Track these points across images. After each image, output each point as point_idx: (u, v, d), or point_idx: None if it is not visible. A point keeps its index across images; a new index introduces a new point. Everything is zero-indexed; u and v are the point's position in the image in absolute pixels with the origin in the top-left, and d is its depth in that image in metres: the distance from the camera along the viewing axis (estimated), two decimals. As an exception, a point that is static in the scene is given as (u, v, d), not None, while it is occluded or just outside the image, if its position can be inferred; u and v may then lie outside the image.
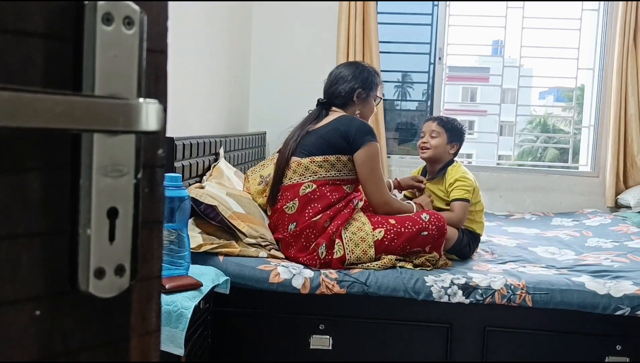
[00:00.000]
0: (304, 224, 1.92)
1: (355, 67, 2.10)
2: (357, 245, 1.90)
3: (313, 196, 1.94)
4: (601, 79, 3.55)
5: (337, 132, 1.96)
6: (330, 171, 1.95)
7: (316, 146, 1.97)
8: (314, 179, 1.95)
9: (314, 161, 1.96)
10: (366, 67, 2.13)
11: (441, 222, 1.97)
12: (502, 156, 3.93)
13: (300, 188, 1.95)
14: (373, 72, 2.12)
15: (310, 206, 1.93)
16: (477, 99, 16.52)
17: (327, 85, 2.12)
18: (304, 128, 2.04)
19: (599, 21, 3.57)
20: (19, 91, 0.37)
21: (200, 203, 1.89)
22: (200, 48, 2.55)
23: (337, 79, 2.08)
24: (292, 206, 1.95)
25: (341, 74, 2.08)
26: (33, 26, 0.40)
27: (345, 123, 1.98)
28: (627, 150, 3.43)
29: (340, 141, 1.95)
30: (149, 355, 0.49)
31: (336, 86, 2.07)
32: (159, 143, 0.48)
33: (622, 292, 1.80)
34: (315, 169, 1.95)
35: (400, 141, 4.42)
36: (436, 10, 3.66)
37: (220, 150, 2.46)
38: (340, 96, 2.06)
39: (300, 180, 1.96)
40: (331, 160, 1.95)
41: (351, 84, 2.06)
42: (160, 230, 0.49)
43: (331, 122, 2.01)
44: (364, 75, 2.08)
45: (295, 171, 1.97)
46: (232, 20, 3.12)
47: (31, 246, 0.41)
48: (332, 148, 1.95)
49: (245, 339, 1.89)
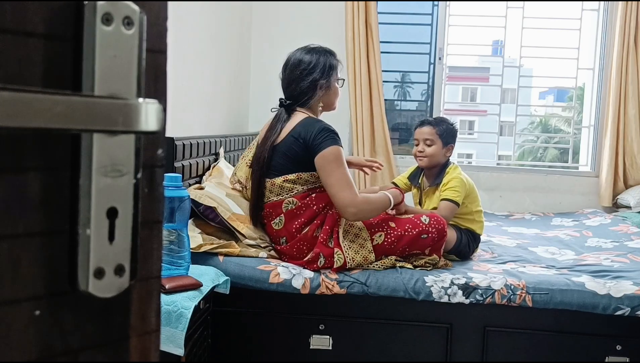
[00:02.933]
0: (294, 239, 1.90)
1: (310, 55, 1.95)
2: (357, 252, 1.88)
3: (298, 211, 1.89)
4: (601, 79, 3.55)
5: (297, 144, 1.86)
6: (305, 184, 1.89)
7: (285, 164, 1.89)
8: (294, 194, 1.89)
9: (287, 179, 1.88)
10: (320, 51, 1.99)
11: (441, 225, 1.96)
12: (502, 156, 3.93)
13: (282, 205, 1.90)
14: (328, 54, 1.99)
15: (297, 221, 1.89)
16: (477, 99, 16.53)
17: (284, 82, 1.98)
18: (266, 144, 1.92)
19: (599, 21, 3.57)
20: (19, 91, 0.37)
21: (199, 204, 1.89)
22: (200, 48, 2.55)
23: (295, 76, 1.93)
24: (279, 221, 1.91)
25: (298, 68, 1.93)
26: (33, 26, 0.40)
27: (303, 133, 1.86)
28: (627, 150, 3.43)
29: (303, 153, 1.86)
30: (148, 355, 0.49)
31: (295, 82, 1.93)
32: (159, 143, 0.48)
33: (622, 292, 1.80)
34: (291, 187, 1.89)
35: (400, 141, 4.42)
36: (436, 10, 3.66)
37: (220, 150, 2.46)
38: (302, 93, 1.93)
39: (280, 198, 1.90)
40: (304, 176, 1.88)
41: (311, 77, 1.91)
42: (159, 229, 0.49)
43: (292, 131, 1.89)
44: (321, 61, 1.94)
45: (272, 190, 1.91)
46: (232, 20, 3.12)
47: (31, 246, 0.41)
48: (300, 164, 1.87)
49: (245, 339, 1.89)
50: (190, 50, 2.40)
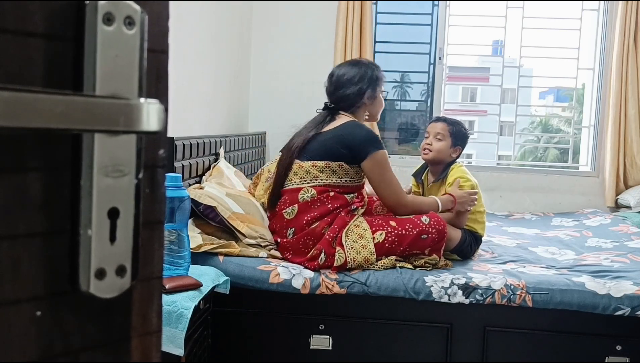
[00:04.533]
0: (302, 232, 1.91)
1: (358, 67, 2.06)
2: (359, 253, 1.89)
3: (312, 204, 1.92)
4: (601, 79, 3.55)
5: (341, 140, 1.94)
6: (331, 177, 1.94)
7: (319, 151, 1.95)
8: (314, 184, 1.93)
9: (316, 165, 1.94)
10: (368, 64, 2.10)
11: (441, 225, 1.96)
12: (502, 156, 3.93)
13: (299, 193, 1.93)
14: (375, 67, 2.10)
15: (309, 214, 1.91)
16: (477, 99, 16.53)
17: (330, 88, 2.07)
18: (309, 131, 2.02)
19: (599, 21, 3.57)
20: (20, 91, 0.37)
21: (199, 204, 1.89)
22: (201, 48, 2.55)
23: (342, 82, 2.04)
24: (291, 211, 1.94)
25: (345, 77, 2.04)
26: (33, 26, 0.40)
27: (349, 133, 1.95)
28: (627, 150, 3.43)
29: (342, 150, 1.93)
30: (149, 355, 0.49)
31: (343, 90, 2.03)
32: (160, 143, 0.48)
33: (622, 292, 1.80)
34: (316, 174, 1.94)
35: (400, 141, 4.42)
36: (436, 10, 3.67)
37: (220, 150, 2.46)
38: (348, 99, 2.03)
39: (300, 184, 1.94)
40: (333, 166, 1.94)
41: (358, 86, 2.02)
42: (161, 230, 0.49)
43: (336, 129, 1.98)
44: (369, 73, 2.05)
45: (297, 173, 1.96)
46: (232, 20, 3.12)
47: (32, 247, 0.41)
48: (334, 155, 1.94)
49: (245, 339, 1.89)
50: (191, 50, 2.40)
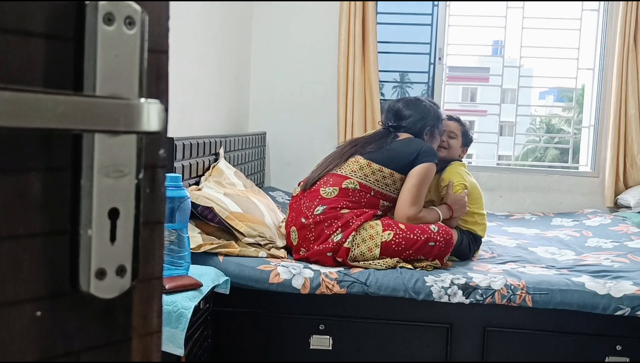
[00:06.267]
0: (332, 214, 1.94)
1: (423, 105, 2.14)
2: (364, 241, 1.91)
3: (352, 195, 1.97)
4: (601, 79, 3.55)
5: (409, 148, 2.01)
6: (379, 181, 1.99)
7: (380, 154, 2.01)
8: (362, 180, 1.98)
9: (371, 166, 1.99)
10: (431, 103, 2.17)
11: (449, 235, 1.98)
12: (502, 156, 3.93)
13: (345, 181, 1.98)
14: (437, 108, 2.18)
15: (345, 201, 1.96)
16: (477, 99, 16.52)
17: (389, 117, 2.15)
18: (371, 140, 2.09)
19: (599, 21, 3.57)
20: (20, 91, 0.37)
21: (197, 205, 1.90)
22: (201, 48, 2.55)
23: (406, 117, 2.11)
24: (331, 192, 1.98)
25: (410, 113, 2.11)
26: (34, 26, 0.40)
27: (419, 142, 2.05)
28: (627, 150, 3.43)
29: (406, 158, 1.99)
30: (150, 355, 0.49)
31: (405, 119, 2.11)
32: (160, 143, 0.48)
33: (622, 292, 1.80)
34: (367, 173, 1.99)
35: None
36: (436, 10, 3.66)
37: (220, 150, 2.46)
38: (410, 126, 2.10)
39: (349, 175, 1.99)
40: (385, 173, 1.99)
41: (422, 123, 2.11)
42: (161, 230, 0.49)
43: (405, 140, 2.06)
44: (432, 112, 2.13)
45: (349, 165, 2.01)
46: (232, 20, 3.12)
47: (32, 247, 0.41)
48: (394, 161, 2.00)
49: (245, 339, 1.89)
50: (191, 50, 2.40)
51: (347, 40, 3.40)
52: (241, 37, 3.32)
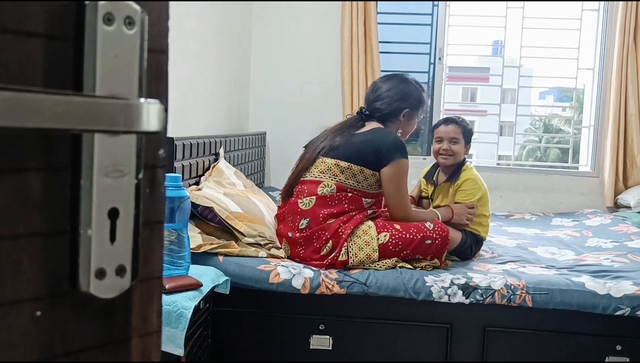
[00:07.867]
0: (318, 226, 1.91)
1: (406, 84, 2.07)
2: (361, 249, 1.89)
3: (330, 201, 1.93)
4: (601, 79, 3.55)
5: (370, 145, 1.95)
6: (349, 179, 1.94)
7: (345, 152, 1.95)
8: (335, 181, 1.94)
9: (339, 164, 1.94)
10: (415, 85, 2.10)
11: (445, 232, 1.97)
12: (502, 156, 3.93)
13: (319, 186, 1.94)
14: (421, 90, 2.11)
15: (326, 209, 1.92)
16: (477, 99, 16.50)
17: (371, 97, 2.09)
18: (337, 133, 2.02)
19: (599, 21, 3.57)
20: (20, 91, 0.37)
21: (197, 206, 1.89)
22: (201, 48, 2.55)
23: (384, 95, 2.05)
24: (308, 202, 1.94)
25: (390, 91, 2.05)
26: (34, 26, 0.40)
27: (379, 137, 1.97)
28: (627, 150, 3.43)
29: (370, 155, 1.94)
30: (149, 355, 0.49)
31: (382, 101, 2.04)
32: (160, 143, 0.48)
33: (622, 292, 1.80)
34: (337, 173, 1.94)
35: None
36: (436, 10, 3.66)
37: (220, 150, 2.46)
38: (385, 113, 2.04)
39: (320, 178, 1.95)
40: (354, 170, 1.94)
41: (400, 104, 2.04)
42: (161, 230, 0.49)
43: (366, 133, 2.00)
44: (414, 94, 2.06)
45: (317, 167, 1.97)
46: (232, 20, 3.12)
47: (32, 247, 0.41)
48: (359, 158, 1.94)
49: (245, 339, 1.89)
50: (191, 50, 2.40)
51: (350, 40, 3.39)
52: (241, 37, 3.32)
